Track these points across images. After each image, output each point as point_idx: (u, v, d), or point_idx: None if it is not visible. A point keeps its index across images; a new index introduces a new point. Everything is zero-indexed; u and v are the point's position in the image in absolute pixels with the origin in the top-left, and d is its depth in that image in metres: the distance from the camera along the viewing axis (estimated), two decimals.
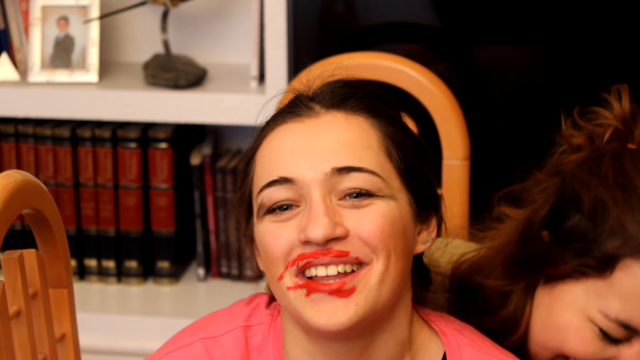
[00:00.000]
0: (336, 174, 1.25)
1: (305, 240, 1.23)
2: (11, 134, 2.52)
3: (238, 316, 1.39)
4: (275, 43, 2.34)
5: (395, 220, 1.26)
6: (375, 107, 1.32)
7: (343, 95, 1.31)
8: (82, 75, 2.48)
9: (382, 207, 1.25)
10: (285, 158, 1.28)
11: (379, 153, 1.28)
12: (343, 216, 1.25)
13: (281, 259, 1.26)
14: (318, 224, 1.22)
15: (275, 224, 1.27)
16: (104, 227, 2.53)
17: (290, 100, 1.34)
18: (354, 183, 1.25)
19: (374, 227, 1.24)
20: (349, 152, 1.26)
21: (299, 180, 1.26)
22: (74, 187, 2.52)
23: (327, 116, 1.30)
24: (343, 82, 1.34)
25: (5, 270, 1.42)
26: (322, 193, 1.25)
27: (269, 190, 1.27)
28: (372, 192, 1.25)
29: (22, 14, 2.55)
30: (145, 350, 2.41)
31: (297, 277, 1.26)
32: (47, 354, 1.49)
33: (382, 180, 1.26)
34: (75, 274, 2.55)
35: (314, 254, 1.23)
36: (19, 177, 1.40)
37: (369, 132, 1.29)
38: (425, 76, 1.93)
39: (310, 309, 1.24)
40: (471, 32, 2.39)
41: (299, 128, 1.30)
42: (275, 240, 1.26)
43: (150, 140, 2.50)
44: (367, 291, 1.24)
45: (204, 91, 2.43)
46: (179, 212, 2.54)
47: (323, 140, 1.28)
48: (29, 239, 2.49)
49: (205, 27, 2.62)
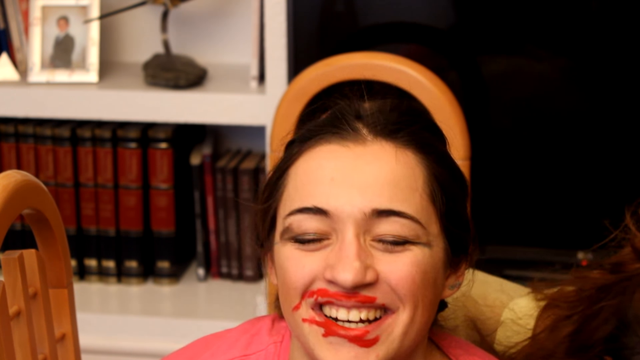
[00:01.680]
0: (375, 215, 1.16)
1: (331, 281, 1.16)
2: (11, 134, 2.52)
3: (235, 344, 1.31)
4: (275, 43, 2.34)
5: (428, 269, 1.18)
6: (426, 143, 1.22)
7: (395, 125, 1.21)
8: (82, 75, 2.48)
9: (417, 255, 1.17)
10: (323, 186, 1.18)
11: (422, 196, 1.19)
12: (375, 258, 1.17)
13: (299, 290, 1.18)
14: (349, 267, 1.15)
15: (300, 251, 1.18)
16: (104, 227, 2.53)
17: (333, 114, 1.23)
18: (393, 228, 1.17)
19: (405, 276, 1.16)
20: (393, 193, 1.17)
21: (335, 215, 1.17)
22: (74, 187, 2.52)
23: (374, 145, 1.20)
24: (394, 106, 1.24)
25: (5, 270, 1.42)
26: (356, 232, 1.16)
27: (299, 217, 1.18)
28: (409, 240, 1.17)
29: (22, 14, 2.55)
30: (145, 350, 2.41)
31: (314, 310, 1.19)
32: (47, 354, 1.49)
33: (421, 228, 1.18)
34: (75, 274, 2.55)
35: (337, 295, 1.16)
36: (19, 177, 1.40)
37: (416, 171, 1.20)
38: (425, 76, 1.93)
39: (327, 350, 1.18)
40: (471, 31, 2.39)
41: (342, 153, 1.19)
42: (297, 269, 1.18)
43: (150, 140, 2.50)
44: (390, 342, 1.18)
45: (204, 91, 2.43)
46: (179, 212, 2.54)
47: (367, 174, 1.18)
48: (29, 239, 2.49)
49: (205, 27, 2.62)
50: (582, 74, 2.38)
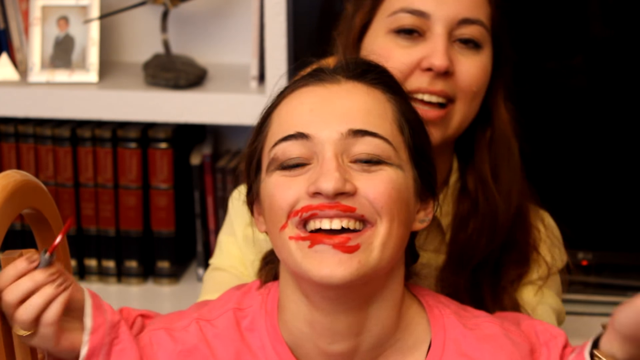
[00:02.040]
0: (351, 135, 1.30)
1: (315, 192, 1.27)
2: (11, 134, 2.52)
3: (229, 300, 1.42)
4: (275, 43, 2.34)
5: (402, 188, 1.31)
6: (392, 84, 1.39)
7: (365, 67, 1.38)
8: (82, 75, 2.48)
9: (390, 174, 1.30)
10: (303, 115, 1.33)
11: (392, 125, 1.34)
12: (353, 177, 1.29)
13: (285, 210, 1.30)
14: (330, 177, 1.27)
15: (285, 177, 1.31)
16: (104, 227, 2.53)
17: (313, 69, 1.41)
18: (367, 147, 1.30)
19: (381, 190, 1.29)
20: (366, 118, 1.32)
21: (315, 137, 1.30)
22: (74, 187, 2.52)
23: (348, 84, 1.36)
24: (364, 59, 1.43)
25: None
26: (335, 151, 1.29)
27: (284, 145, 1.32)
28: (383, 159, 1.31)
29: (22, 14, 2.55)
30: None
31: (299, 229, 1.29)
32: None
33: (393, 149, 1.32)
34: (75, 274, 2.55)
35: (321, 206, 1.27)
36: (19, 177, 1.40)
37: (385, 105, 1.35)
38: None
39: (313, 259, 1.28)
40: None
41: (319, 91, 1.35)
42: (283, 191, 1.30)
43: (150, 140, 2.50)
44: (370, 251, 1.28)
45: (204, 91, 2.43)
46: (179, 212, 2.54)
47: (342, 104, 1.33)
48: (28, 238, 2.48)
49: (205, 27, 2.62)
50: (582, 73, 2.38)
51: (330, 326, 1.33)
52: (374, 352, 1.36)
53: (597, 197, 2.41)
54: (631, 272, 2.42)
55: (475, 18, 1.61)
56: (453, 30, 1.60)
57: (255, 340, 1.38)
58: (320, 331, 1.34)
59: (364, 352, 1.36)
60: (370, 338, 1.35)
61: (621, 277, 2.42)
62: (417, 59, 1.60)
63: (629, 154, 2.38)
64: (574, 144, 2.40)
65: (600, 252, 2.42)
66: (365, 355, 1.36)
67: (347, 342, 1.34)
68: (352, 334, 1.34)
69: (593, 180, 2.41)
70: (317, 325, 1.34)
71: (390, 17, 1.62)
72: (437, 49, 1.58)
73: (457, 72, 1.61)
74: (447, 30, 1.60)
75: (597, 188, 2.41)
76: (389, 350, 1.37)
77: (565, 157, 2.41)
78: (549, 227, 1.73)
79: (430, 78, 1.59)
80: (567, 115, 2.38)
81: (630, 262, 2.42)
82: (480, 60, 1.63)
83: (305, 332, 1.35)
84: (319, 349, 1.35)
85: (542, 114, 2.38)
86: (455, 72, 1.60)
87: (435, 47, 1.59)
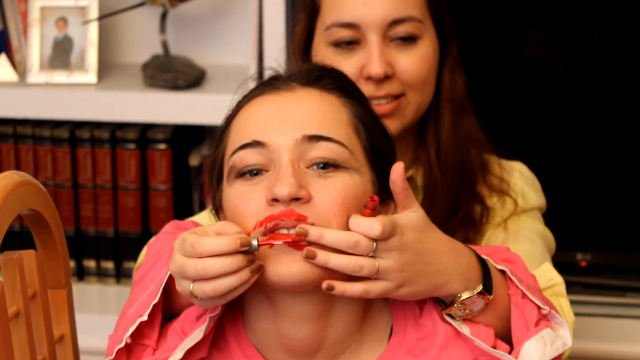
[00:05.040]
0: (306, 141, 1.32)
1: (272, 198, 1.29)
2: (10, 135, 2.52)
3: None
4: (275, 44, 2.34)
5: (358, 194, 1.32)
6: (347, 88, 1.41)
7: (318, 74, 1.40)
8: (80, 76, 2.48)
9: (346, 180, 1.32)
10: (259, 124, 1.35)
11: (348, 128, 1.35)
12: (309, 183, 1.31)
13: (250, 221, 1.31)
14: (285, 182, 1.28)
15: (246, 187, 1.33)
16: (103, 228, 2.53)
17: (269, 77, 1.43)
18: (322, 152, 1.32)
19: (335, 198, 1.30)
20: (320, 123, 1.34)
21: (271, 145, 1.32)
22: (72, 188, 2.52)
23: (302, 91, 1.38)
24: (318, 65, 1.45)
25: (4, 271, 1.42)
26: (291, 157, 1.31)
27: (241, 153, 1.34)
28: (339, 163, 1.32)
29: (20, 15, 2.55)
30: None
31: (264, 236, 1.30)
32: (45, 354, 1.49)
33: (349, 152, 1.33)
34: (74, 274, 2.55)
35: (280, 215, 1.28)
36: (18, 178, 1.40)
37: (340, 109, 1.37)
38: None
39: (271, 257, 1.29)
40: (471, 30, 2.39)
41: (274, 99, 1.37)
42: (245, 202, 1.32)
43: (149, 141, 2.49)
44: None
45: (202, 92, 2.42)
46: (178, 213, 2.54)
47: (296, 110, 1.35)
48: (27, 240, 2.48)
49: (204, 28, 2.62)
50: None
51: (292, 308, 1.34)
52: (338, 348, 1.37)
53: (596, 198, 2.41)
54: (630, 273, 2.43)
55: (404, 16, 1.68)
56: (386, 32, 1.68)
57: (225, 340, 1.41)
58: (282, 315, 1.34)
59: (329, 347, 1.36)
60: (334, 333, 1.35)
61: (620, 278, 2.42)
62: (357, 69, 1.68)
63: (627, 155, 2.38)
64: (574, 145, 2.40)
65: (599, 253, 2.43)
66: (330, 350, 1.36)
67: (311, 328, 1.34)
68: (314, 318, 1.34)
69: (592, 182, 2.41)
70: (279, 310, 1.34)
71: (326, 31, 1.71)
72: (372, 58, 1.67)
73: (398, 71, 1.68)
74: (380, 35, 1.67)
75: (595, 189, 2.41)
76: (354, 345, 1.37)
77: (564, 159, 2.41)
78: (522, 173, 1.79)
79: (374, 85, 1.68)
80: (567, 117, 2.39)
81: (628, 263, 2.42)
82: (420, 52, 1.69)
83: (267, 329, 1.36)
84: (283, 345, 1.36)
85: (542, 114, 2.39)
86: (396, 71, 1.68)
87: (371, 55, 1.67)
